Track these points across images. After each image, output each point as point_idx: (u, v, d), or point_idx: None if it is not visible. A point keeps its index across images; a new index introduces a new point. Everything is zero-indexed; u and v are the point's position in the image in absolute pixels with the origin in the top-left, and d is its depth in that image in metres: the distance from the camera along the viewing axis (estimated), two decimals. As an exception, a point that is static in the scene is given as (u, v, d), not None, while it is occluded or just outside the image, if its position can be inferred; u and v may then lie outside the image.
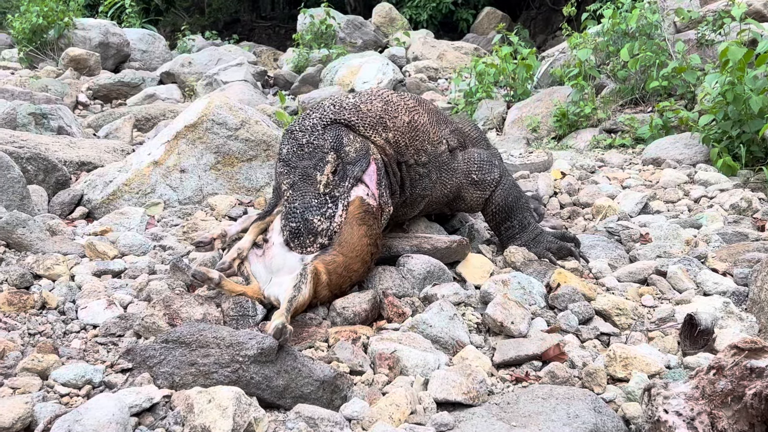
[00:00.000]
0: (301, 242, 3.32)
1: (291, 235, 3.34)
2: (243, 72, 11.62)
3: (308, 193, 3.41)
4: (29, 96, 9.06)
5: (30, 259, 3.71)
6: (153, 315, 3.09)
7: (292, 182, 3.47)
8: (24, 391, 2.52)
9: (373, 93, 3.99)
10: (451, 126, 4.41)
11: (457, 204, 4.29)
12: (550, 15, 18.78)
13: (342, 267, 3.33)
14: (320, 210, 3.37)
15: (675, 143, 6.13)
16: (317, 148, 3.54)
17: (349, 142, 3.61)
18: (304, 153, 3.55)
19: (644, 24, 7.68)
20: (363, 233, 3.43)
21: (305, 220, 3.33)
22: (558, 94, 8.14)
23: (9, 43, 16.80)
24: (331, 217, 3.37)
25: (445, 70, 12.65)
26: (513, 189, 4.28)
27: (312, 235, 3.32)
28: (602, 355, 3.00)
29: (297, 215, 3.35)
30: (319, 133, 3.60)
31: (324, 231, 3.33)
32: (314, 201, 3.39)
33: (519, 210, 4.24)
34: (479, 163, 4.26)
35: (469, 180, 4.21)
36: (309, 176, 3.46)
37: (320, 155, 3.52)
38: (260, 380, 2.59)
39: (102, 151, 6.26)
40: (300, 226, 3.33)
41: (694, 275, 3.73)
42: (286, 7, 24.82)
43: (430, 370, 2.87)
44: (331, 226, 3.35)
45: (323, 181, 3.44)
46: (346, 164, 3.54)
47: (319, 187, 3.43)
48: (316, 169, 3.47)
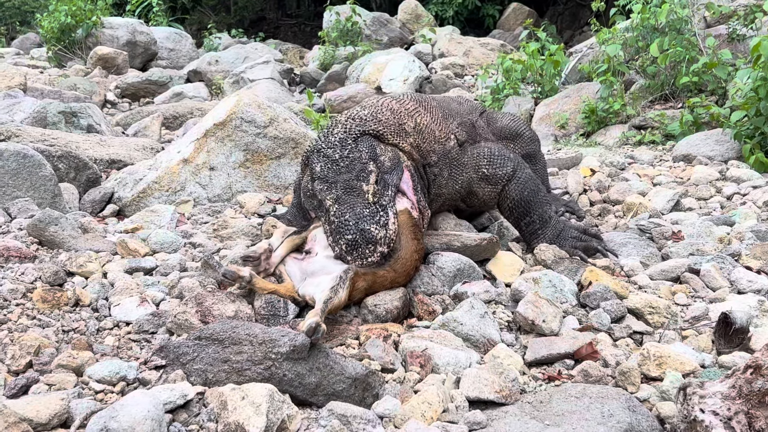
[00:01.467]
0: (360, 253, 3.27)
1: (348, 248, 3.29)
2: (269, 70, 11.65)
3: (357, 204, 3.38)
4: (58, 95, 9.13)
5: (63, 257, 3.73)
6: (185, 312, 3.10)
7: (336, 197, 3.44)
8: (59, 388, 2.54)
9: (379, 104, 3.99)
10: (459, 118, 4.38)
11: (471, 200, 4.27)
12: (577, 10, 18.69)
13: (389, 281, 3.36)
14: (374, 219, 3.33)
15: (706, 140, 6.07)
16: (355, 161, 3.52)
17: (382, 152, 3.62)
18: (341, 167, 3.51)
19: (674, 19, 7.61)
20: (414, 248, 3.45)
21: (361, 230, 3.28)
22: (586, 90, 8.10)
23: (38, 42, 16.96)
24: (385, 224, 3.34)
25: (472, 67, 12.62)
26: (529, 183, 4.21)
27: (372, 245, 3.28)
28: (635, 353, 2.97)
29: (351, 227, 3.30)
30: (352, 146, 3.58)
31: (382, 239, 3.31)
32: (366, 211, 3.36)
33: (538, 204, 4.17)
34: (489, 157, 4.22)
35: (480, 175, 4.18)
36: (353, 188, 3.43)
37: (360, 166, 3.50)
38: (293, 377, 2.59)
39: (132, 149, 6.29)
40: (357, 237, 3.28)
41: (727, 273, 3.70)
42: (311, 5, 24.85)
43: (462, 368, 2.86)
44: (388, 233, 3.33)
45: (371, 190, 3.43)
46: (385, 173, 3.54)
47: (368, 197, 3.41)
48: (359, 180, 3.45)
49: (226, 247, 4.19)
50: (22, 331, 2.91)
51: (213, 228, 4.54)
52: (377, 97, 4.14)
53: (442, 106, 4.37)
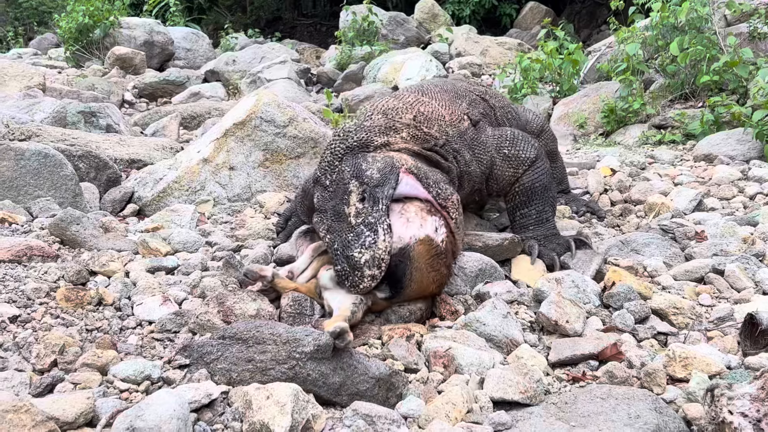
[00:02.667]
0: (351, 281, 3.12)
1: (340, 279, 3.16)
2: (286, 70, 11.66)
3: (343, 231, 3.24)
4: (77, 95, 9.18)
5: (85, 256, 3.75)
6: (207, 312, 3.10)
7: (328, 227, 3.33)
8: (85, 387, 2.55)
9: (370, 109, 3.91)
10: (468, 97, 4.30)
11: (490, 185, 4.11)
12: (594, 9, 18.61)
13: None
14: (358, 242, 3.15)
15: (727, 139, 6.03)
16: (339, 183, 3.42)
17: (368, 165, 3.43)
18: (329, 194, 3.44)
19: (694, 17, 7.56)
20: (431, 280, 3.31)
21: (346, 257, 3.15)
22: (605, 89, 8.07)
23: (55, 43, 17.04)
24: (372, 245, 3.13)
25: (489, 66, 12.60)
26: (544, 177, 4.06)
27: (358, 270, 3.10)
28: (661, 354, 2.95)
29: (339, 256, 3.19)
30: (337, 167, 3.48)
31: (368, 262, 3.11)
32: (350, 236, 3.19)
33: (541, 200, 4.05)
34: (512, 139, 4.09)
35: (501, 155, 4.04)
36: (339, 214, 3.31)
37: (343, 188, 3.38)
38: (317, 377, 2.59)
39: (151, 148, 6.31)
40: (344, 265, 3.15)
41: (752, 274, 3.66)
42: (327, 5, 24.85)
43: (485, 368, 2.85)
44: (376, 253, 3.12)
45: (352, 212, 3.27)
46: (374, 188, 3.33)
47: (350, 220, 3.25)
48: (343, 204, 3.32)
49: (247, 246, 4.19)
50: (47, 330, 2.91)
51: (231, 227, 4.54)
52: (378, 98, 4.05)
53: (447, 90, 4.27)
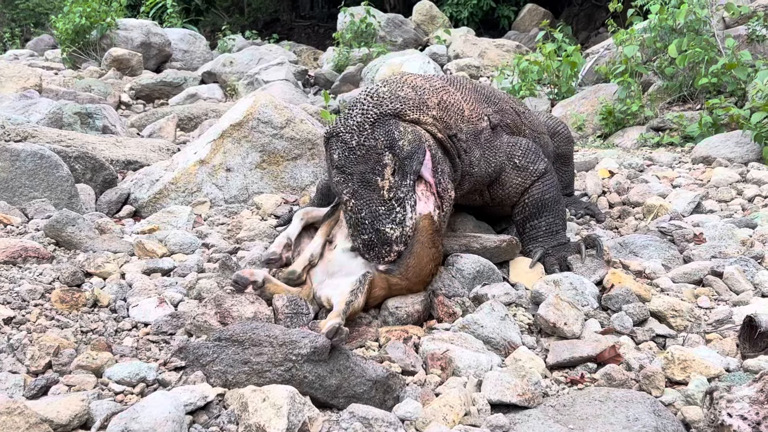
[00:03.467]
0: (377, 253, 3.25)
1: (365, 248, 3.26)
2: (284, 71, 11.66)
3: (373, 201, 3.29)
4: (73, 96, 9.16)
5: (81, 257, 3.73)
6: (204, 314, 3.08)
7: (353, 191, 3.34)
8: (79, 389, 2.53)
9: (400, 80, 3.83)
10: (499, 104, 4.27)
11: (495, 190, 4.09)
12: (592, 11, 18.62)
13: (405, 290, 3.34)
14: (390, 217, 3.26)
15: (726, 141, 6.02)
16: (370, 150, 3.38)
17: (401, 136, 3.42)
18: (357, 157, 3.38)
19: (693, 19, 7.56)
20: (431, 258, 3.37)
21: (377, 230, 3.24)
22: (604, 91, 8.07)
23: (52, 44, 17.02)
24: (402, 222, 3.26)
25: (487, 68, 12.59)
26: (553, 189, 4.06)
27: (387, 245, 3.24)
28: (659, 357, 2.94)
29: (367, 226, 3.26)
30: (368, 132, 3.41)
31: (398, 238, 3.25)
32: (381, 209, 3.27)
33: (551, 213, 4.04)
34: (524, 150, 4.08)
35: (512, 164, 4.03)
36: (369, 182, 3.32)
37: (375, 157, 3.36)
38: (313, 379, 2.57)
39: (148, 150, 6.29)
40: (373, 237, 3.24)
41: (751, 276, 3.65)
42: (325, 6, 24.88)
43: (483, 371, 2.83)
44: (404, 231, 3.26)
45: (386, 186, 3.31)
46: (403, 160, 3.37)
47: (383, 194, 3.30)
48: (374, 174, 3.33)
49: (243, 248, 4.17)
50: (41, 332, 2.89)
51: (228, 229, 4.53)
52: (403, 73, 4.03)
53: (478, 90, 4.25)
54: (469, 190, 4.03)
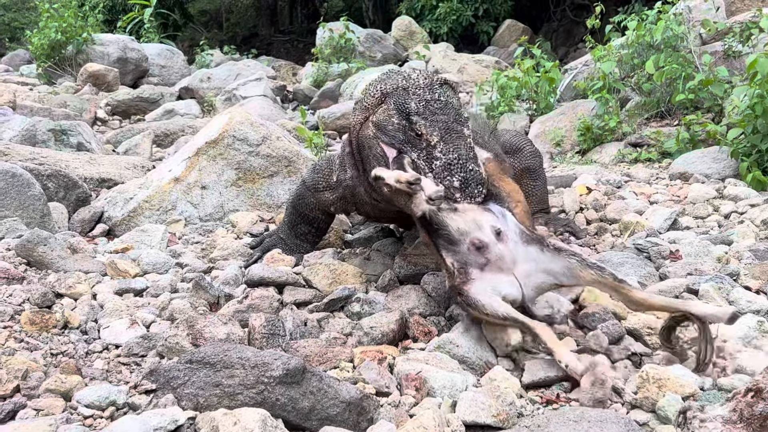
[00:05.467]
0: (470, 192, 3.36)
1: (462, 185, 3.36)
2: (262, 87, 11.63)
3: (462, 146, 3.48)
4: (48, 112, 9.09)
5: (52, 278, 3.68)
6: (176, 335, 3.05)
7: (441, 135, 3.49)
8: (47, 413, 2.49)
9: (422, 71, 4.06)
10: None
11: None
12: (571, 27, 18.72)
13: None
14: (476, 161, 3.46)
15: (703, 157, 6.04)
16: (448, 105, 3.62)
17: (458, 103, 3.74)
18: (436, 108, 3.59)
19: (670, 36, 7.58)
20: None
21: (471, 170, 3.40)
22: (582, 107, 8.07)
23: (27, 59, 16.91)
24: (480, 165, 3.47)
25: (466, 84, 12.60)
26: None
27: (480, 185, 3.39)
28: (634, 376, 2.92)
29: (461, 165, 3.41)
30: (440, 91, 3.67)
31: (485, 180, 3.43)
32: (471, 153, 3.47)
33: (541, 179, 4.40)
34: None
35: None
36: (454, 130, 3.51)
37: (455, 111, 3.61)
38: (286, 402, 2.54)
39: (122, 167, 6.25)
40: (468, 176, 3.38)
41: (726, 293, 3.64)
42: (304, 21, 24.94)
43: (458, 391, 2.81)
44: (485, 174, 3.47)
45: (470, 135, 3.56)
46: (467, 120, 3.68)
47: (469, 141, 3.52)
48: (459, 124, 3.55)
49: (217, 267, 4.14)
50: (10, 355, 2.85)
51: (202, 248, 4.49)
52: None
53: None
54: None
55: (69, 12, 14.08)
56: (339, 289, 3.69)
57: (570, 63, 11.60)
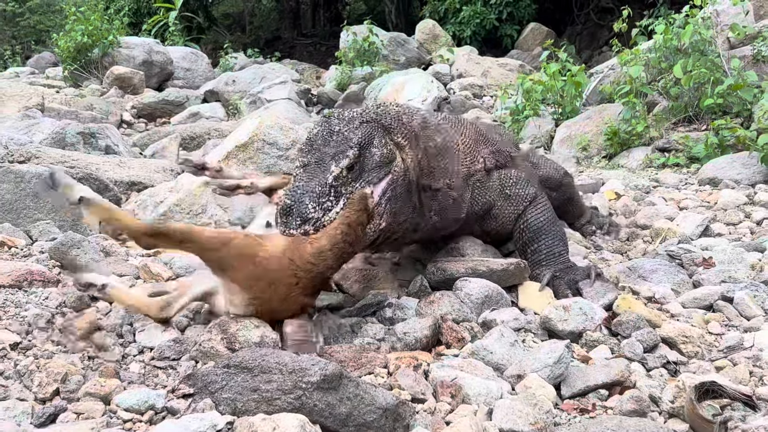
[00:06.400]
0: (287, 221, 3.19)
1: (282, 211, 3.23)
2: (287, 90, 11.64)
3: (315, 179, 3.29)
4: (75, 115, 9.15)
5: (86, 281, 3.70)
6: (211, 340, 3.05)
7: (306, 162, 3.38)
8: (88, 417, 2.50)
9: (415, 110, 3.93)
10: (492, 146, 4.32)
11: (488, 223, 4.16)
12: (595, 30, 18.65)
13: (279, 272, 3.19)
14: (319, 199, 3.24)
15: (732, 163, 6.01)
16: (344, 140, 3.42)
17: (378, 145, 3.48)
18: (331, 140, 3.43)
19: (698, 40, 7.56)
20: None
21: (300, 202, 3.21)
22: (608, 111, 8.04)
23: (53, 62, 17.03)
24: (327, 209, 3.23)
25: (490, 87, 12.59)
26: (547, 212, 4.14)
27: (300, 219, 3.18)
28: (670, 385, 2.91)
29: (296, 195, 3.24)
30: (353, 126, 3.48)
31: (313, 220, 3.19)
32: (318, 188, 3.26)
33: (548, 235, 4.08)
34: (515, 179, 4.17)
35: (503, 195, 4.12)
36: (324, 163, 3.35)
37: (344, 147, 3.39)
38: (323, 407, 2.54)
39: (151, 170, 6.27)
40: (293, 205, 3.21)
41: (761, 301, 3.62)
42: (326, 25, 25.00)
43: (494, 398, 2.80)
44: (323, 218, 3.20)
45: (335, 172, 3.31)
46: (366, 168, 3.41)
47: (329, 177, 3.30)
48: (333, 159, 3.35)
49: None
50: (48, 358, 2.87)
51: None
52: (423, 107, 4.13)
53: (478, 131, 4.33)
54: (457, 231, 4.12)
55: (95, 15, 14.18)
56: (371, 295, 3.69)
57: (595, 67, 11.55)
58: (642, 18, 9.45)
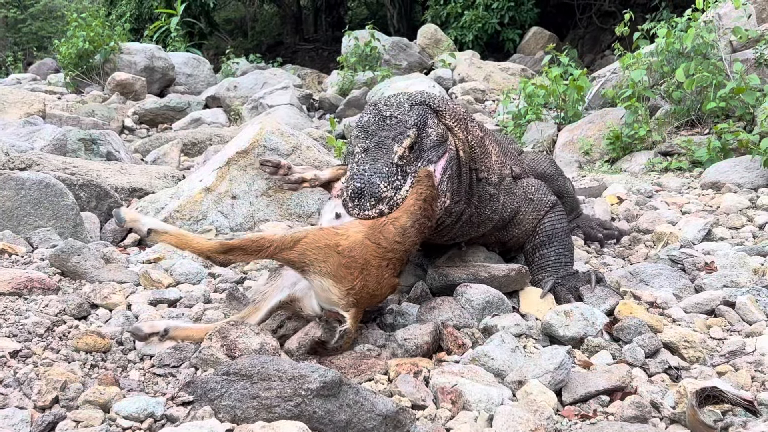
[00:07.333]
0: (360, 204, 3.19)
1: (352, 195, 3.21)
2: (289, 95, 11.65)
3: (380, 160, 3.30)
4: (77, 121, 9.17)
5: (87, 288, 3.69)
6: (211, 347, 3.04)
7: (367, 147, 3.38)
8: (87, 425, 2.49)
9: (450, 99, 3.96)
10: (513, 159, 4.38)
11: (511, 230, 4.16)
12: (597, 34, 18.66)
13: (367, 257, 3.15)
14: (389, 178, 3.24)
15: (735, 166, 5.99)
16: (400, 122, 3.45)
17: (432, 125, 3.52)
18: (385, 124, 3.45)
19: (700, 43, 7.55)
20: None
21: (371, 182, 3.21)
22: (611, 115, 8.04)
23: (54, 68, 17.09)
24: (397, 188, 3.24)
25: (492, 92, 12.59)
26: (564, 221, 4.16)
27: (374, 199, 3.18)
28: (672, 390, 2.90)
29: (364, 177, 3.23)
30: (405, 109, 3.51)
31: (387, 199, 3.20)
32: (385, 168, 3.26)
33: (560, 243, 4.08)
34: (536, 186, 4.20)
35: (527, 200, 4.13)
36: (385, 145, 3.36)
37: (402, 129, 3.41)
38: (323, 415, 2.53)
39: (152, 177, 6.27)
40: (364, 187, 3.20)
41: (764, 306, 3.60)
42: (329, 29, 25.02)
43: (494, 405, 2.78)
44: (395, 197, 3.22)
45: (399, 152, 3.33)
46: (424, 148, 3.45)
47: (394, 157, 3.31)
48: (394, 141, 3.37)
49: (250, 278, 4.14)
50: (48, 366, 2.86)
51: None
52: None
53: (501, 143, 4.38)
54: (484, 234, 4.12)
55: (96, 21, 14.23)
56: (373, 301, 3.68)
57: (597, 71, 11.56)
58: (644, 21, 9.42)
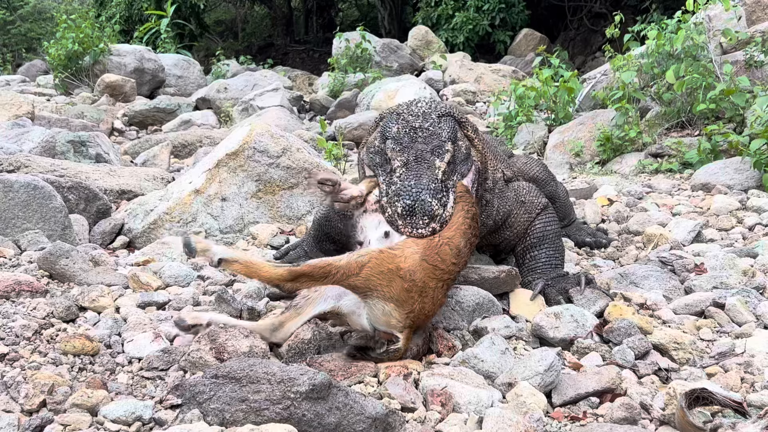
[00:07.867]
0: (413, 222, 3.14)
1: (404, 212, 3.16)
2: (279, 97, 11.63)
3: (424, 176, 3.26)
4: (66, 123, 9.14)
5: (75, 291, 3.68)
6: (200, 350, 3.03)
7: (407, 161, 3.34)
8: (75, 429, 2.47)
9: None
10: (504, 162, 4.39)
11: (503, 233, 4.15)
12: (588, 36, 18.71)
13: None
14: (437, 195, 3.21)
15: (725, 168, 6.00)
16: (434, 135, 3.43)
17: (460, 138, 3.54)
18: (418, 137, 3.42)
19: (690, 45, 7.55)
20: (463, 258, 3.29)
21: (421, 200, 3.16)
22: (601, 117, 8.05)
23: (44, 69, 17.04)
24: (444, 205, 3.22)
25: (483, 93, 12.60)
26: (555, 223, 4.16)
27: (428, 217, 3.14)
28: (661, 392, 2.89)
29: (412, 193, 3.19)
30: (434, 120, 3.49)
31: (438, 217, 3.17)
32: (432, 185, 3.23)
33: (551, 245, 4.08)
34: (527, 188, 4.20)
35: (519, 202, 4.12)
36: (425, 160, 3.33)
37: (438, 142, 3.40)
38: (312, 417, 2.51)
39: (142, 179, 6.25)
40: (415, 205, 3.15)
41: (753, 307, 3.61)
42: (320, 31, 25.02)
43: (484, 407, 2.78)
44: (444, 214, 3.19)
45: (442, 168, 3.32)
46: (457, 161, 3.45)
47: (438, 174, 3.30)
48: (434, 155, 3.35)
49: (239, 280, 4.13)
50: (35, 369, 2.84)
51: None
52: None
53: (491, 146, 4.37)
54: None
55: (86, 23, 14.19)
56: (362, 303, 3.67)
57: (588, 72, 11.58)
58: (635, 23, 9.45)
